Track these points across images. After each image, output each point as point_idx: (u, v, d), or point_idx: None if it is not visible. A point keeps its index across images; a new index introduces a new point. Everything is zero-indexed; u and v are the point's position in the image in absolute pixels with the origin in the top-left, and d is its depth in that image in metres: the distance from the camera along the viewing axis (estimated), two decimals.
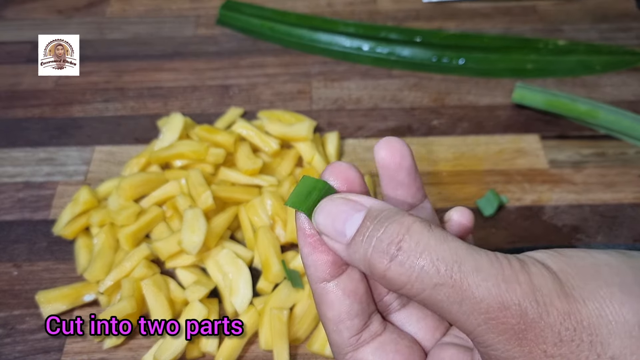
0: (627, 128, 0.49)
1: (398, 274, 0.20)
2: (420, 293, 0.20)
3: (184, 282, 0.41)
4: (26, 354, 0.38)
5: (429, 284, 0.20)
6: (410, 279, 0.20)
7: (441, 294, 0.20)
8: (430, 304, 0.20)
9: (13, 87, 0.57)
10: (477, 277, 0.19)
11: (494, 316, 0.19)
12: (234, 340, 0.38)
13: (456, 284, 0.19)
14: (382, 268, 0.20)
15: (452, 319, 0.20)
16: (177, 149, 0.46)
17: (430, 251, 0.20)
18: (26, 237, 0.45)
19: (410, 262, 0.20)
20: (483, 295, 0.19)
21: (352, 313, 0.23)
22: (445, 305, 0.20)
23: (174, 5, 0.66)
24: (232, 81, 0.57)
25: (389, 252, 0.20)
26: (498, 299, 0.19)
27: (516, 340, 0.19)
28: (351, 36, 0.60)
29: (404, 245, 0.20)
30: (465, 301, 0.19)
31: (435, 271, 0.20)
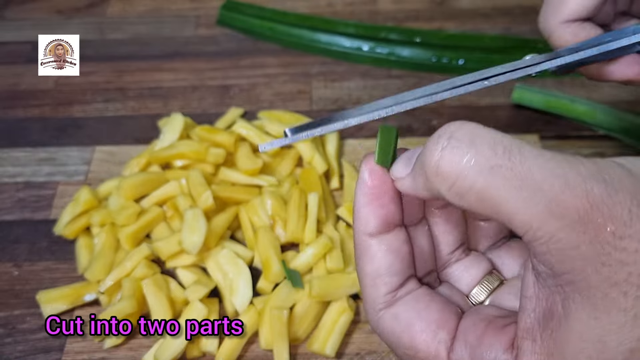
0: (626, 128, 0.49)
1: (452, 162, 0.19)
2: (475, 181, 0.18)
3: (185, 281, 0.41)
4: (27, 353, 0.39)
5: (486, 167, 0.18)
6: (467, 164, 0.18)
7: (498, 177, 0.18)
8: (486, 197, 0.18)
9: (13, 87, 0.57)
10: (539, 159, 0.18)
11: (557, 197, 0.17)
12: (234, 340, 0.38)
13: (515, 166, 0.18)
14: (435, 159, 0.19)
15: (510, 210, 0.18)
16: (178, 149, 0.46)
17: (484, 136, 0.19)
18: (27, 237, 0.45)
19: (464, 148, 0.18)
20: (545, 176, 0.18)
21: (392, 270, 0.23)
22: (504, 193, 0.18)
23: (174, 6, 0.66)
24: (232, 81, 0.57)
25: (441, 143, 0.19)
26: (561, 178, 0.18)
27: (581, 225, 0.17)
28: (351, 36, 0.60)
29: (457, 134, 0.19)
30: (526, 184, 0.18)
31: (493, 153, 0.18)
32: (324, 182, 0.47)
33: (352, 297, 0.40)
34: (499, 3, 0.65)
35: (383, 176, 0.23)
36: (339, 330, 0.38)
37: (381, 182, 0.23)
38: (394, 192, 0.23)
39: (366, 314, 0.24)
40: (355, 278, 0.40)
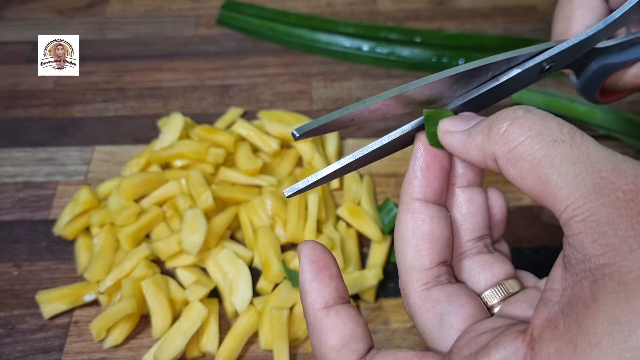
0: (626, 128, 0.49)
1: (520, 128, 0.20)
2: (536, 150, 0.20)
3: (184, 282, 0.41)
4: (26, 353, 0.38)
5: (550, 139, 0.20)
6: (531, 134, 0.20)
7: (558, 150, 0.19)
8: (540, 165, 0.20)
9: (13, 87, 0.57)
10: (597, 146, 0.19)
11: (606, 175, 0.19)
12: (234, 340, 0.38)
13: (575, 145, 0.19)
14: (507, 123, 0.21)
15: (558, 183, 0.19)
16: (177, 149, 0.46)
17: (556, 119, 0.20)
18: (26, 237, 0.45)
19: (534, 120, 0.20)
20: (598, 157, 0.19)
21: (357, 336, 0.22)
22: (556, 165, 0.19)
23: (174, 5, 0.66)
24: (232, 81, 0.57)
25: (516, 113, 0.21)
26: (613, 162, 0.19)
27: (624, 205, 0.18)
28: (351, 36, 0.60)
29: (533, 110, 0.21)
30: (579, 161, 0.19)
31: (559, 129, 0.20)
32: None
33: (352, 297, 0.40)
34: (499, 3, 0.65)
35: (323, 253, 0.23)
36: None
37: (322, 256, 0.23)
38: (336, 265, 0.24)
39: None
40: (356, 278, 0.40)
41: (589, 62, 0.31)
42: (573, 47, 0.28)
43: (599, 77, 0.32)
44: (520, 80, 0.27)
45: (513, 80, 0.27)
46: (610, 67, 0.31)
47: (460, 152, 0.23)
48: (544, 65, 0.28)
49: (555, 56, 0.28)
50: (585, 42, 0.28)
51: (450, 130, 0.23)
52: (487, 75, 0.26)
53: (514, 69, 0.27)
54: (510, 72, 0.26)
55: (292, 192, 0.24)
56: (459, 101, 0.26)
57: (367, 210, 0.44)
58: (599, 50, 0.30)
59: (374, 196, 0.47)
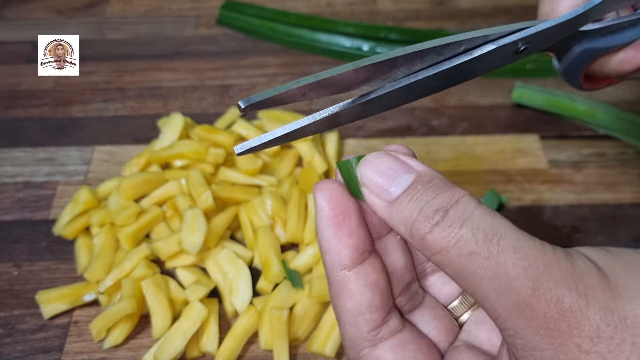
0: (627, 128, 0.49)
1: (438, 238, 0.19)
2: (454, 261, 0.19)
3: (184, 282, 0.41)
4: (26, 353, 0.38)
5: (465, 252, 0.19)
6: (449, 244, 0.19)
7: (475, 264, 0.19)
8: (462, 276, 0.19)
9: (13, 87, 0.57)
10: (515, 254, 0.18)
11: (526, 299, 0.18)
12: (234, 340, 0.38)
13: (492, 257, 0.19)
14: (424, 231, 0.20)
15: (482, 295, 0.19)
16: (177, 149, 0.46)
17: (473, 221, 0.19)
18: (26, 237, 0.45)
19: (452, 229, 0.19)
20: (517, 274, 0.18)
21: (373, 306, 0.22)
22: (477, 279, 0.19)
23: (174, 5, 0.66)
24: (232, 81, 0.57)
25: (434, 218, 0.20)
26: (533, 280, 0.18)
27: (546, 330, 0.18)
28: (351, 36, 0.60)
29: (450, 212, 0.20)
30: (498, 277, 0.18)
31: (474, 240, 0.19)
32: None
33: None
34: (499, 2, 0.65)
35: (343, 200, 0.21)
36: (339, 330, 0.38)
37: (343, 207, 0.21)
38: (358, 216, 0.22)
39: (346, 352, 0.23)
40: None
41: (571, 46, 0.29)
42: (552, 28, 0.26)
43: (581, 62, 0.30)
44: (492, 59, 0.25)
45: (484, 58, 0.25)
46: (594, 51, 0.29)
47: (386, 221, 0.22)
48: (519, 46, 0.26)
49: (531, 37, 0.26)
50: (567, 24, 0.27)
51: (372, 190, 0.21)
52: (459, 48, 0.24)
53: (487, 45, 0.25)
54: (482, 48, 0.25)
55: (244, 149, 0.22)
56: (427, 72, 0.24)
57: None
58: (582, 34, 0.28)
59: None
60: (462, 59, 0.24)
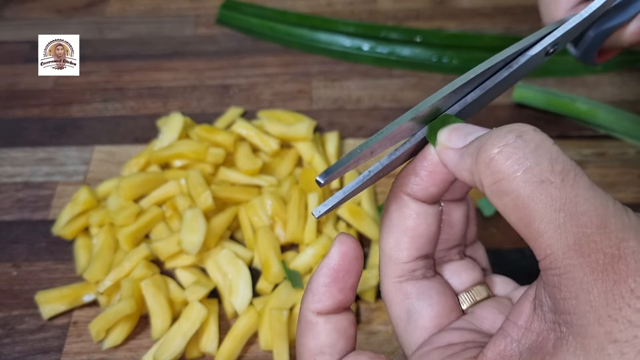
0: (628, 128, 0.49)
1: (508, 159, 0.18)
2: (520, 187, 0.18)
3: (184, 282, 0.41)
4: (25, 354, 0.38)
5: (537, 178, 0.18)
6: (520, 167, 0.18)
7: (544, 193, 0.18)
8: (523, 206, 0.18)
9: (12, 87, 0.57)
10: (589, 192, 0.18)
11: (589, 234, 0.17)
12: (234, 340, 0.38)
13: (565, 187, 0.18)
14: (494, 152, 0.19)
15: (538, 230, 0.18)
16: (177, 149, 0.46)
17: (550, 152, 0.18)
18: (25, 237, 0.45)
19: (527, 152, 0.18)
20: (587, 209, 0.17)
21: (335, 349, 0.22)
22: (541, 210, 0.18)
23: (174, 5, 0.66)
24: (231, 81, 0.57)
25: (506, 138, 0.19)
26: (602, 218, 0.17)
27: (602, 270, 0.17)
28: (351, 36, 0.60)
29: (526, 136, 0.19)
30: (565, 209, 0.17)
31: (550, 168, 0.18)
32: None
33: None
34: (500, 2, 0.65)
35: (353, 260, 0.22)
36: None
37: (349, 267, 0.22)
38: (356, 279, 0.23)
39: None
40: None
41: (587, 31, 0.31)
42: (578, 24, 0.27)
43: (597, 43, 0.31)
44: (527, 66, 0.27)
45: (522, 67, 0.26)
46: (607, 31, 0.31)
47: (453, 172, 0.22)
48: (549, 49, 0.27)
49: (559, 38, 0.27)
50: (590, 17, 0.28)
51: (446, 145, 0.22)
52: (500, 65, 0.26)
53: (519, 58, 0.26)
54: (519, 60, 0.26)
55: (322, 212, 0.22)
56: (475, 94, 0.25)
57: (367, 211, 0.44)
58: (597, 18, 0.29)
59: (374, 196, 0.47)
60: (504, 73, 0.26)
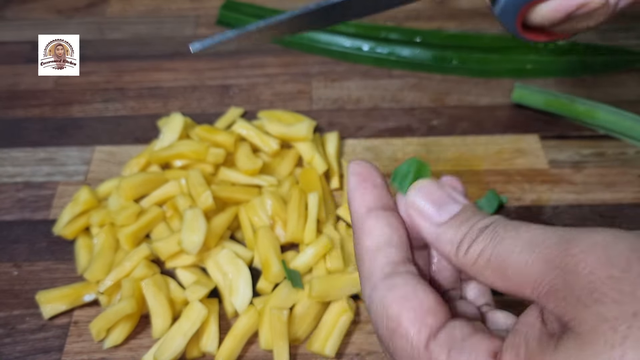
0: (627, 128, 0.49)
1: (477, 248, 0.21)
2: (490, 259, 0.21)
3: (184, 282, 0.41)
4: (26, 353, 0.38)
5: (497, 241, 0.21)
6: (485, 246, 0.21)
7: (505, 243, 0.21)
8: (498, 268, 0.21)
9: (13, 87, 0.57)
10: (535, 229, 0.21)
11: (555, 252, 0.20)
12: (234, 340, 0.38)
13: (519, 236, 0.21)
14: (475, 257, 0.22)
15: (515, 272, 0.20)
16: (177, 149, 0.46)
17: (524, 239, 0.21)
18: (26, 237, 0.45)
19: (486, 237, 0.21)
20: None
21: (392, 242, 0.23)
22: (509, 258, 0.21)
23: (174, 5, 0.66)
24: (232, 81, 0.57)
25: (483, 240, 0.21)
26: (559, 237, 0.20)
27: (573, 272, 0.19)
28: (351, 36, 0.60)
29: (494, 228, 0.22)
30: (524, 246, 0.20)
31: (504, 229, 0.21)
32: (324, 182, 0.47)
33: (352, 297, 0.40)
34: None
35: (370, 168, 0.25)
36: (339, 330, 0.38)
37: (369, 171, 0.25)
38: (383, 180, 0.25)
39: (362, 288, 0.24)
40: (356, 278, 0.40)
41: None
42: None
43: (514, 7, 0.29)
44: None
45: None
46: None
47: (430, 243, 0.24)
48: None
49: None
50: None
51: (421, 212, 0.23)
52: None
53: None
54: None
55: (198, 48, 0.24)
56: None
57: None
58: None
59: None
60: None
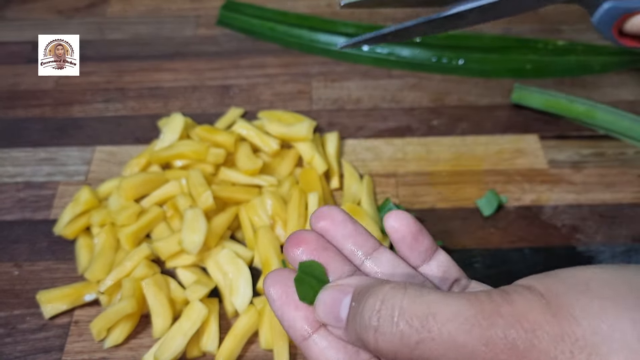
0: (626, 128, 0.49)
1: (385, 343, 0.20)
2: (411, 355, 0.20)
3: (185, 281, 0.41)
4: (27, 353, 0.39)
5: (413, 343, 0.19)
6: (396, 345, 0.20)
7: (426, 349, 0.19)
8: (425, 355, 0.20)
9: (14, 87, 0.57)
10: (455, 322, 0.19)
11: (484, 357, 0.18)
12: (234, 339, 0.38)
13: (435, 336, 0.19)
14: (372, 342, 0.21)
15: None
16: (178, 149, 0.46)
17: (403, 313, 0.20)
18: (27, 237, 0.45)
19: (391, 329, 0.20)
20: (465, 340, 0.19)
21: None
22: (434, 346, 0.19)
23: (174, 6, 0.66)
24: (232, 81, 0.57)
25: (371, 325, 0.20)
26: (482, 338, 0.18)
27: None
28: (351, 37, 0.60)
29: (382, 313, 0.20)
30: (451, 350, 0.19)
31: (414, 330, 0.19)
32: (324, 182, 0.47)
33: None
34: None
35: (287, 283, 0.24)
36: None
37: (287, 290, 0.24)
38: None
39: None
40: None
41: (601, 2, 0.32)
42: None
43: (610, 19, 0.32)
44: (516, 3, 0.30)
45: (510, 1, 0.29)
46: (620, 10, 0.32)
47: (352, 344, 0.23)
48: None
49: None
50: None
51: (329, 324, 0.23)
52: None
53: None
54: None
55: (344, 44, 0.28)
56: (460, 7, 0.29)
57: (367, 210, 0.44)
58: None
59: (373, 196, 0.47)
60: None
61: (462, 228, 0.45)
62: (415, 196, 0.47)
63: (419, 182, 0.48)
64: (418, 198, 0.47)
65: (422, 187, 0.48)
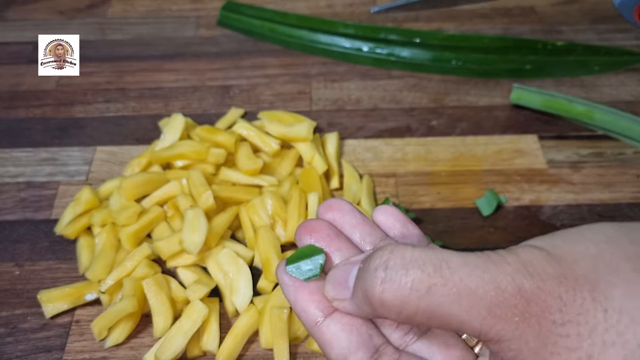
0: (624, 128, 0.50)
1: (393, 294, 0.20)
2: (419, 305, 0.20)
3: (185, 281, 0.42)
4: (28, 353, 0.39)
5: (424, 289, 0.19)
6: (405, 292, 0.20)
7: (438, 296, 0.19)
8: (433, 315, 0.20)
9: (15, 88, 0.58)
10: (466, 268, 0.19)
11: (493, 300, 0.19)
12: (235, 339, 0.38)
13: (448, 281, 0.19)
14: (378, 294, 0.20)
15: (458, 322, 0.20)
16: (178, 149, 0.46)
17: (416, 260, 0.20)
18: (28, 236, 0.45)
19: (400, 277, 0.20)
20: (477, 284, 0.19)
21: (354, 346, 0.23)
22: (446, 309, 0.19)
23: (175, 6, 0.67)
24: (232, 82, 0.58)
25: (378, 277, 0.20)
26: (492, 282, 0.19)
27: (523, 321, 0.19)
28: (351, 37, 0.60)
29: (390, 263, 0.20)
30: (463, 296, 0.19)
31: (426, 275, 0.20)
32: (324, 182, 0.47)
33: None
34: (498, 4, 0.65)
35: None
36: None
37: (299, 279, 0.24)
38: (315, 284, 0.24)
39: None
40: None
41: None
42: None
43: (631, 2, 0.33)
44: None
45: None
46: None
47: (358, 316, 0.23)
48: None
49: None
50: None
51: (336, 298, 0.23)
52: None
53: None
54: None
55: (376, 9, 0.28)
56: None
57: (367, 210, 0.45)
58: None
59: (373, 196, 0.47)
60: None
61: (461, 228, 0.45)
62: (414, 196, 0.47)
63: (418, 182, 0.48)
64: (417, 198, 0.47)
65: (421, 187, 0.48)
